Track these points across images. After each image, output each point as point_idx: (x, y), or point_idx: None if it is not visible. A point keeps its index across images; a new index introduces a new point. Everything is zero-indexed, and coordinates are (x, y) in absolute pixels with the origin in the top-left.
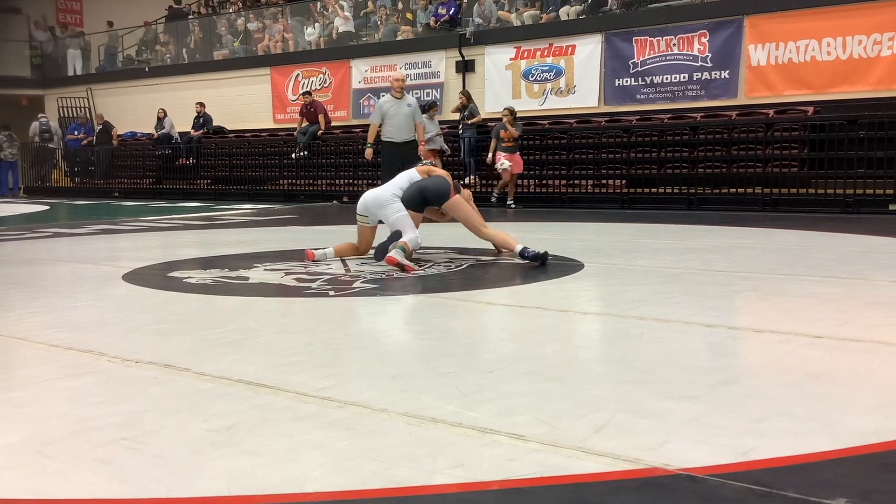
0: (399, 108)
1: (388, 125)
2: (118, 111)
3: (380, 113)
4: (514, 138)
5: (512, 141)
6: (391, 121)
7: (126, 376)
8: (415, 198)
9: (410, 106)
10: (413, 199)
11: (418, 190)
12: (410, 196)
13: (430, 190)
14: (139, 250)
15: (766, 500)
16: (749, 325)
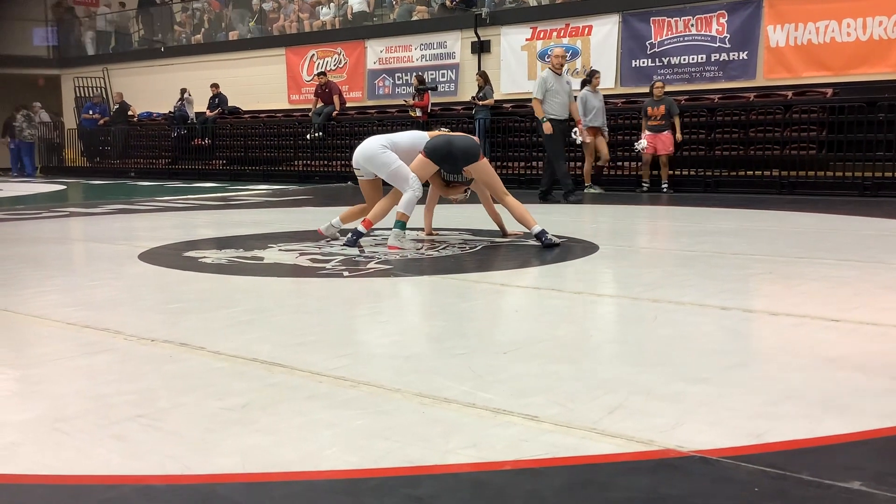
0: (562, 86)
1: (551, 101)
2: (134, 91)
3: (542, 88)
4: (661, 116)
5: (660, 119)
6: (556, 98)
7: (141, 354)
8: (439, 149)
9: (569, 83)
10: (437, 151)
11: (446, 143)
12: (435, 146)
13: (458, 146)
14: (155, 230)
15: (779, 483)
16: (764, 308)
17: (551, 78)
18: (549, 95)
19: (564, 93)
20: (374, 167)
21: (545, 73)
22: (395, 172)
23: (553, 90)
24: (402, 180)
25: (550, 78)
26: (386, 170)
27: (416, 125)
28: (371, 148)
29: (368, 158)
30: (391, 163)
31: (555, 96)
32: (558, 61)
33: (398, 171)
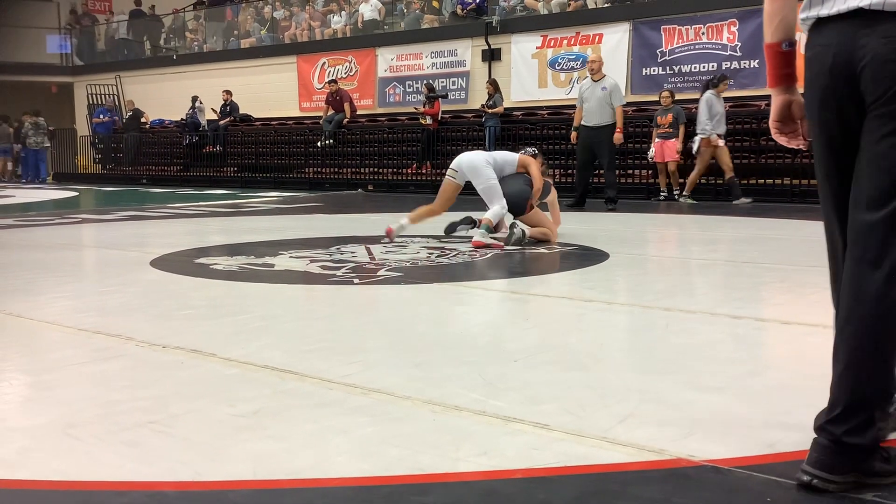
0: (593, 92)
1: (584, 108)
2: (146, 98)
3: (579, 97)
4: (669, 124)
5: (668, 127)
6: (586, 104)
7: (153, 361)
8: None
9: (605, 89)
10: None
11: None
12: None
13: (510, 197)
14: (166, 236)
15: (792, 493)
16: (776, 317)
17: (585, 84)
18: (583, 102)
19: (596, 98)
20: (473, 177)
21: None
22: (489, 190)
23: (584, 97)
24: (495, 196)
25: (584, 84)
26: (483, 184)
27: (426, 132)
28: (478, 161)
29: (473, 168)
30: (490, 178)
31: (586, 102)
32: (592, 66)
33: (492, 189)
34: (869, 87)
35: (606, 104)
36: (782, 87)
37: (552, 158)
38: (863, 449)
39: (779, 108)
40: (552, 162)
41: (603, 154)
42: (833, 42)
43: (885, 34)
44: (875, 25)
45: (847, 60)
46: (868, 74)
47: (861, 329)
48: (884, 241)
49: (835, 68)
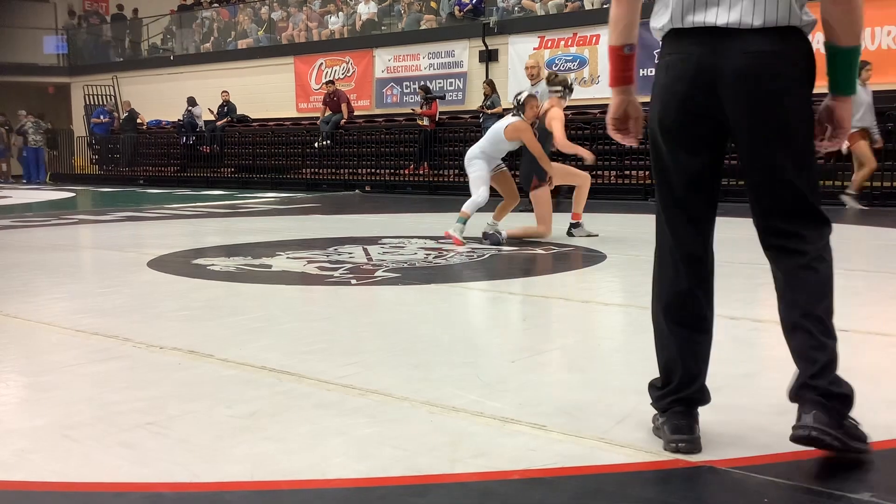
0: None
1: None
2: (143, 99)
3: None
4: None
5: None
6: None
7: (151, 362)
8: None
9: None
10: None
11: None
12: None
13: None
14: (164, 237)
15: (789, 494)
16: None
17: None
18: None
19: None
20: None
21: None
22: (472, 181)
23: None
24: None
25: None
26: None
27: (424, 133)
28: (470, 154)
29: (467, 161)
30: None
31: None
32: (527, 72)
33: (474, 181)
34: (731, 101)
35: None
36: (621, 88)
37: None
38: (845, 398)
39: (616, 107)
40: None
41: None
42: (693, 52)
43: (743, 49)
44: (734, 38)
45: (707, 71)
46: (729, 88)
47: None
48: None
49: (695, 78)
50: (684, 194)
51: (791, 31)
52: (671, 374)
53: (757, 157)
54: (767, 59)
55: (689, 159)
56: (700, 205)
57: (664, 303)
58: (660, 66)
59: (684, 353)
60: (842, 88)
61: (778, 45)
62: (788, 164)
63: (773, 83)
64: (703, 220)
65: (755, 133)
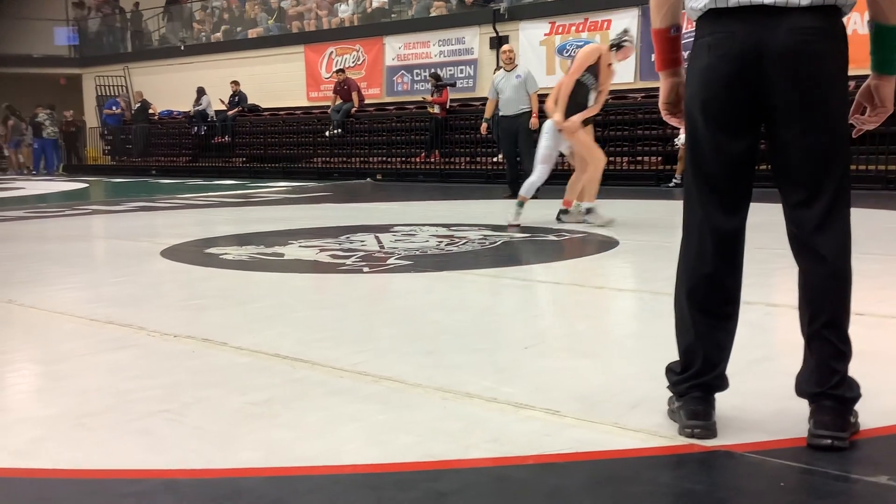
0: (508, 81)
1: (501, 99)
2: (155, 90)
3: (493, 88)
4: None
5: None
6: (502, 94)
7: (164, 350)
8: None
9: (520, 77)
10: None
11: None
12: None
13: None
14: (176, 227)
15: (806, 477)
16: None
17: (499, 76)
18: (499, 93)
19: (511, 87)
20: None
21: (498, 72)
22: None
23: (500, 87)
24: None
25: (498, 76)
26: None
27: (435, 121)
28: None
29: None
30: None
31: (502, 93)
32: (505, 56)
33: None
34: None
35: (523, 92)
36: (670, 71)
37: None
38: (856, 399)
39: (668, 91)
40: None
41: (523, 141)
42: (738, 30)
43: (790, 26)
44: (781, 16)
45: (753, 49)
46: (776, 65)
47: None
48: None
49: (741, 56)
50: (721, 178)
51: (833, 10)
52: (691, 360)
53: (798, 135)
54: (814, 37)
55: (729, 142)
56: (736, 189)
57: (688, 287)
58: (700, 46)
59: (705, 341)
60: (887, 67)
61: (822, 22)
62: (828, 141)
63: (821, 61)
64: (737, 206)
65: (801, 112)
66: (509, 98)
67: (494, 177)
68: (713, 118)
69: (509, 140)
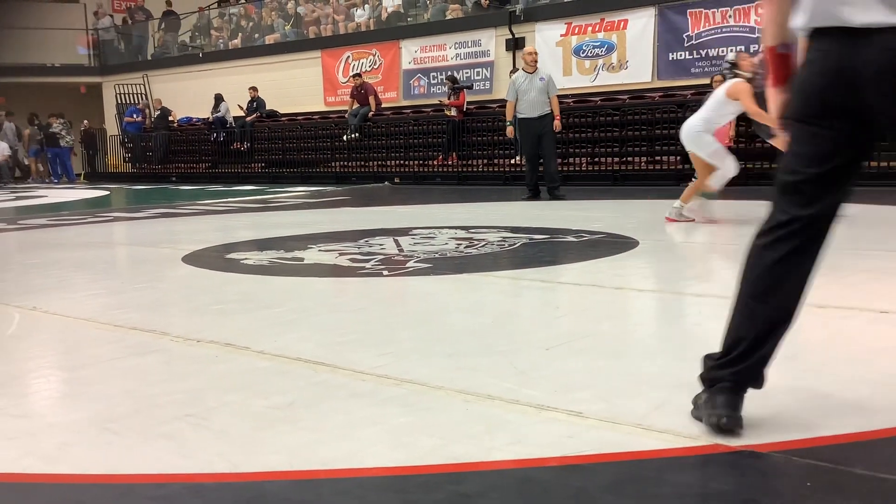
0: (531, 84)
1: (522, 101)
2: (173, 97)
3: (513, 89)
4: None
5: None
6: (524, 97)
7: (188, 355)
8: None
9: (543, 80)
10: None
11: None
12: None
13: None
14: (197, 233)
15: (833, 476)
16: (811, 301)
17: (520, 77)
18: (520, 95)
19: (535, 90)
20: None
21: (517, 73)
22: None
23: (522, 89)
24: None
25: (520, 77)
26: (705, 152)
27: (452, 123)
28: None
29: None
30: (709, 145)
31: (525, 95)
32: (530, 59)
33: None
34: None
35: (545, 95)
36: (781, 87)
37: (578, 147)
38: None
39: (780, 106)
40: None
41: (548, 143)
42: (833, 50)
43: (885, 46)
44: (874, 36)
45: (848, 68)
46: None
47: None
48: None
49: (836, 74)
50: (812, 189)
51: None
52: (734, 346)
53: None
54: None
55: (824, 155)
56: (824, 202)
57: (752, 283)
58: (804, 63)
59: (758, 334)
60: None
61: None
62: None
63: None
64: (822, 217)
65: None
66: (534, 100)
67: (512, 179)
68: (810, 130)
69: (531, 142)
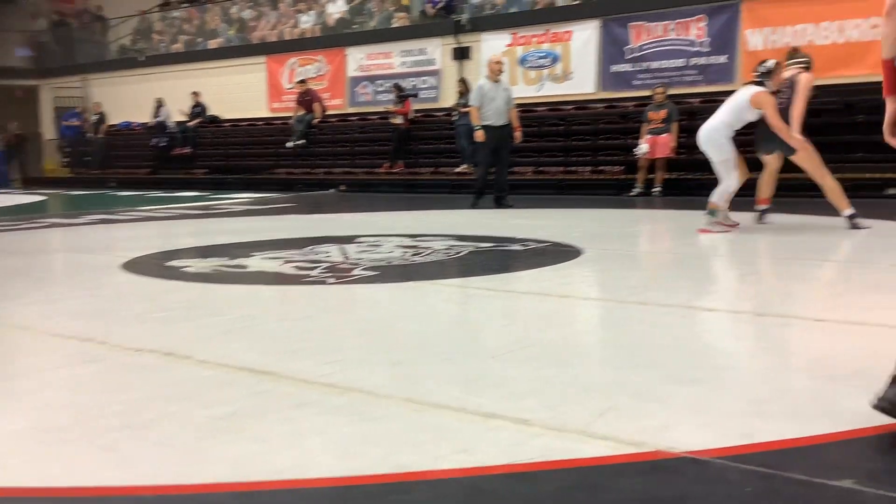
0: (497, 92)
1: (488, 108)
2: (113, 101)
3: (479, 95)
4: (663, 119)
5: (660, 122)
6: (491, 104)
7: (128, 364)
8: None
9: (507, 90)
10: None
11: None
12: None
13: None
14: (137, 240)
15: (771, 482)
16: (751, 309)
17: (487, 85)
18: (486, 102)
19: (502, 99)
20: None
21: (482, 80)
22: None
23: (489, 97)
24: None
25: (486, 85)
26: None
27: (398, 131)
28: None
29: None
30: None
31: (491, 102)
32: (497, 68)
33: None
34: None
35: (508, 104)
36: (894, 97)
37: (523, 156)
38: None
39: (892, 114)
40: (523, 159)
41: (506, 153)
42: None
43: None
44: None
45: None
46: None
47: None
48: None
49: None
50: None
51: None
52: None
53: None
54: None
55: None
56: None
57: None
58: None
59: None
60: None
61: None
62: None
63: None
64: None
65: None
66: (500, 109)
67: (458, 186)
68: None
69: (491, 149)
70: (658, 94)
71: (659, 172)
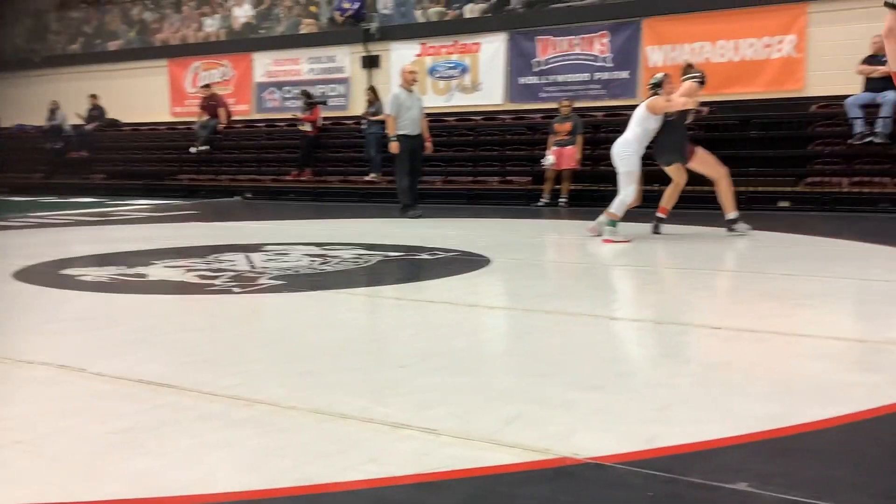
0: (412, 101)
1: (404, 118)
2: (5, 103)
3: (396, 105)
4: (569, 132)
5: (566, 135)
6: (407, 113)
7: (19, 377)
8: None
9: (420, 100)
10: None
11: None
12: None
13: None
14: (29, 247)
15: (671, 486)
16: (651, 318)
17: (403, 94)
18: (402, 111)
19: (418, 109)
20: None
21: (398, 90)
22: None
23: (406, 106)
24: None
25: (402, 94)
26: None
27: (306, 139)
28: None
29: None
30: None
31: (408, 112)
32: (411, 77)
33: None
34: None
35: (421, 114)
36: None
37: (432, 166)
38: None
39: None
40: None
41: (418, 163)
42: None
43: None
44: None
45: None
46: None
47: None
48: None
49: None
50: None
51: None
52: None
53: None
54: None
55: None
56: None
57: None
58: None
59: None
60: None
61: None
62: None
63: None
64: None
65: None
66: (415, 118)
67: (367, 195)
68: None
69: (408, 158)
70: (564, 107)
71: (565, 183)
